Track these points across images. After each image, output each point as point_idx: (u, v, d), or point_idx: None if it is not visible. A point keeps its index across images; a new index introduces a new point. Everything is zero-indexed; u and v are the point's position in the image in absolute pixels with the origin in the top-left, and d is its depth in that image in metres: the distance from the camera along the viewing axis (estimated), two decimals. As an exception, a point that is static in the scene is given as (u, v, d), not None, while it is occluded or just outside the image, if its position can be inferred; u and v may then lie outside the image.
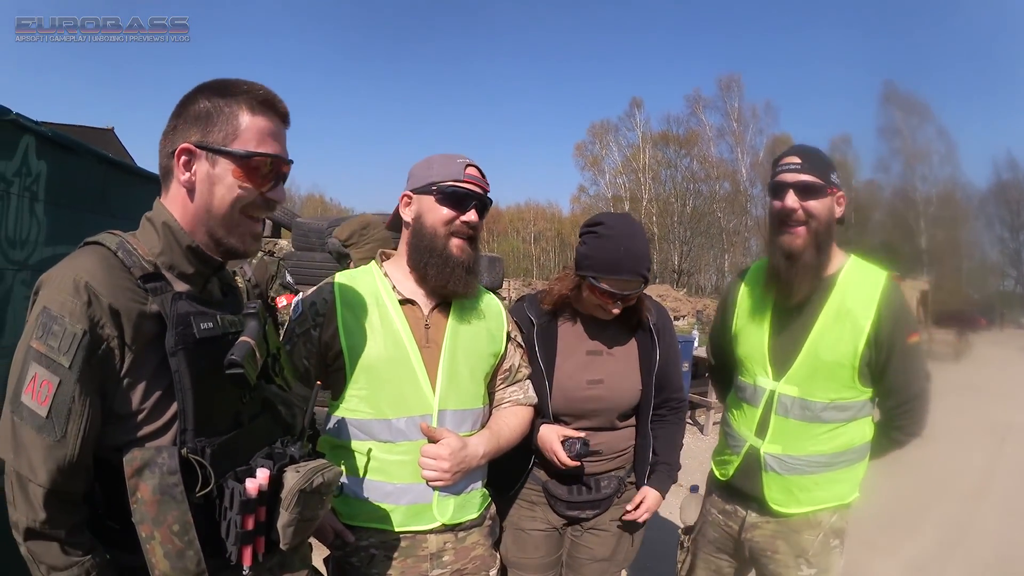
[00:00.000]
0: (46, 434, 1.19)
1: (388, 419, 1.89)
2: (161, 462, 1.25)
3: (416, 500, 1.92)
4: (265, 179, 1.41)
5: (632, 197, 60.32)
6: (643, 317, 2.40)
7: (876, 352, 2.11)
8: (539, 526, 2.43)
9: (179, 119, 1.36)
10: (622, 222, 2.29)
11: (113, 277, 1.27)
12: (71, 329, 1.20)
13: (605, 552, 2.47)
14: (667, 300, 32.26)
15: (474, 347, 2.03)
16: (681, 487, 6.27)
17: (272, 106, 1.41)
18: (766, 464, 2.25)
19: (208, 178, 1.35)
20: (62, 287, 1.22)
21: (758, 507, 2.32)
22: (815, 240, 2.11)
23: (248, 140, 1.36)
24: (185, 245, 1.38)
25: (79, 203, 2.88)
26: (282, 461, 1.44)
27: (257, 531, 1.36)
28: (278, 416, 1.62)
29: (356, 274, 2.05)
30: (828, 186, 2.11)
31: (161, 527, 1.24)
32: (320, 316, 1.93)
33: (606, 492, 2.40)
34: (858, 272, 2.20)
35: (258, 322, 1.45)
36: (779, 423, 2.23)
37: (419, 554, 1.95)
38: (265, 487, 1.35)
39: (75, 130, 19.72)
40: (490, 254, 5.10)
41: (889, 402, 2.23)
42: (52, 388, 1.19)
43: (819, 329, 2.16)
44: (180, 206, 1.38)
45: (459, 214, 1.92)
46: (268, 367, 1.51)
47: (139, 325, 1.28)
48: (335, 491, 1.57)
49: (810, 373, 2.17)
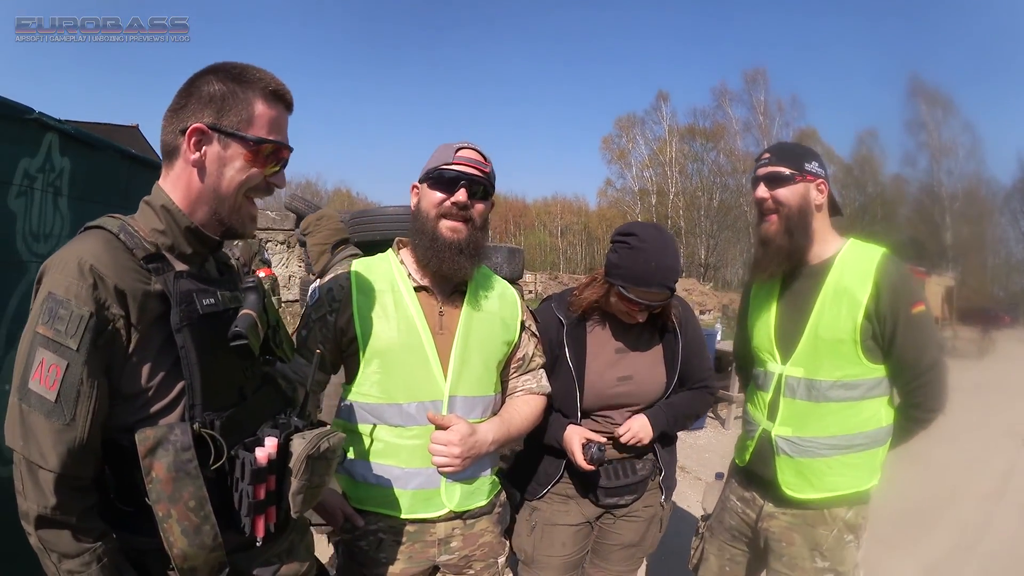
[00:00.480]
0: (55, 418, 1.20)
1: (399, 403, 1.92)
2: (174, 439, 1.27)
3: (424, 485, 1.94)
4: (270, 164, 1.45)
5: (659, 191, 59.96)
6: (669, 319, 2.44)
7: (879, 325, 2.13)
8: (572, 520, 2.46)
9: (189, 98, 1.39)
10: (654, 235, 2.29)
11: (117, 258, 1.30)
12: (78, 312, 1.21)
13: (634, 538, 2.52)
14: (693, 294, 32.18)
15: (487, 335, 2.05)
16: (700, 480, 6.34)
17: (282, 97, 1.46)
18: (778, 447, 2.29)
19: (218, 159, 1.40)
20: (67, 271, 1.24)
21: (774, 495, 2.34)
22: (786, 225, 2.24)
23: (260, 127, 1.41)
24: (184, 226, 1.41)
25: (102, 198, 2.93)
26: (287, 430, 1.47)
27: (268, 501, 1.40)
28: (278, 389, 1.65)
29: (372, 261, 2.08)
30: (799, 174, 2.22)
31: (178, 504, 1.27)
32: (336, 302, 1.96)
33: (642, 474, 2.45)
34: (854, 252, 2.25)
35: (257, 295, 1.51)
36: (788, 405, 2.28)
37: (427, 539, 1.98)
38: (274, 455, 1.38)
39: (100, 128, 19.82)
40: (510, 245, 5.12)
41: (903, 378, 2.22)
42: (60, 372, 1.20)
43: (819, 309, 2.22)
44: (184, 185, 1.41)
45: (448, 196, 1.93)
46: (269, 338, 1.55)
47: (144, 304, 1.31)
48: (340, 457, 1.59)
49: (813, 352, 2.23)
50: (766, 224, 2.29)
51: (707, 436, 8.32)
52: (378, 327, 1.94)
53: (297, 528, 1.68)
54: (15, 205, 2.38)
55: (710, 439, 8.20)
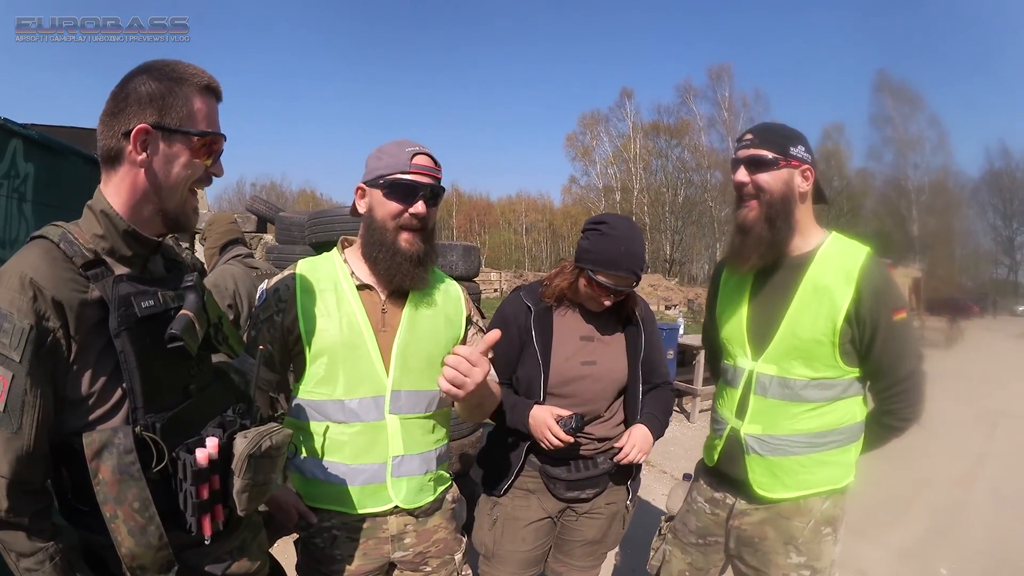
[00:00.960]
0: (4, 427, 1.24)
1: (342, 400, 1.93)
2: (117, 442, 1.31)
3: (370, 480, 1.96)
4: (210, 155, 1.49)
5: (623, 187, 60.30)
6: (632, 310, 2.53)
7: (859, 329, 2.03)
8: (534, 515, 2.48)
9: (127, 101, 1.38)
10: (624, 224, 2.38)
11: (55, 269, 1.32)
12: (19, 325, 1.25)
13: (596, 534, 2.54)
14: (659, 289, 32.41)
15: (431, 331, 2.06)
16: (665, 474, 6.44)
17: (214, 90, 1.48)
18: (747, 446, 2.20)
19: (164, 157, 1.40)
20: (9, 285, 1.27)
21: (745, 494, 2.25)
22: (767, 213, 2.09)
23: (200, 121, 1.43)
24: (122, 230, 1.42)
25: (66, 203, 2.93)
26: (232, 428, 1.49)
27: (213, 500, 1.42)
28: (230, 384, 1.68)
29: (317, 261, 2.08)
30: (783, 159, 2.07)
31: (123, 505, 1.30)
32: (282, 302, 1.97)
33: (604, 468, 2.47)
34: (837, 248, 2.12)
35: (197, 294, 1.53)
36: (758, 403, 2.18)
37: (380, 535, 2.01)
38: (215, 456, 1.41)
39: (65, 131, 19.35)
40: (465, 243, 5.15)
41: (879, 384, 2.14)
42: (6, 383, 1.24)
43: (796, 306, 2.11)
44: (129, 186, 1.41)
45: (406, 207, 1.91)
46: (211, 336, 1.57)
47: (81, 313, 1.32)
48: (287, 453, 1.60)
49: (788, 351, 2.12)
50: (745, 210, 2.14)
51: (672, 430, 8.27)
52: (321, 326, 1.94)
53: (249, 526, 1.70)
54: (-20, 211, 2.39)
55: (675, 432, 8.23)
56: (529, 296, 2.53)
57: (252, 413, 1.58)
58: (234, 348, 1.69)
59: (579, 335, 2.48)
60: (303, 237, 5.44)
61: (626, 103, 61.69)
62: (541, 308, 2.48)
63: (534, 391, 2.42)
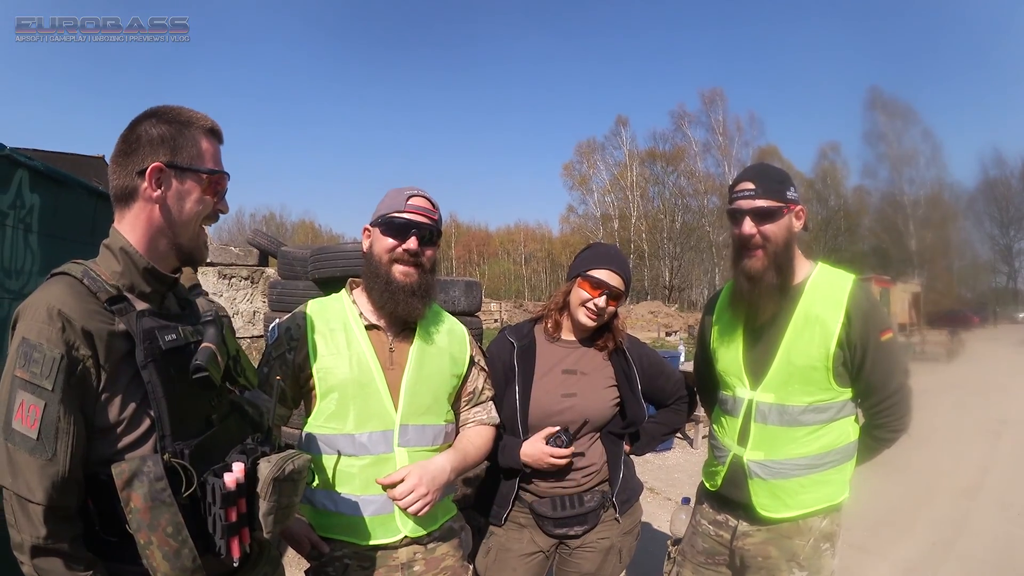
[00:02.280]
0: (38, 455, 1.28)
1: (352, 434, 2.01)
2: (147, 470, 1.34)
3: (379, 511, 2.02)
4: (218, 193, 1.58)
5: (621, 215, 60.73)
6: (616, 339, 2.57)
7: (850, 352, 2.16)
8: (526, 549, 2.49)
9: (138, 143, 1.47)
10: (608, 244, 2.61)
11: (82, 302, 1.37)
12: (50, 354, 1.29)
13: (590, 568, 2.54)
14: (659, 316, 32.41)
15: (436, 368, 2.15)
16: (670, 500, 6.39)
17: (217, 133, 1.58)
18: (750, 471, 2.29)
19: (178, 193, 1.49)
20: (37, 317, 1.32)
21: (747, 515, 2.35)
22: (774, 261, 2.19)
23: (208, 160, 1.53)
24: (142, 267, 1.49)
25: (71, 234, 2.95)
26: (255, 455, 1.52)
27: (240, 523, 1.45)
28: (246, 415, 1.72)
29: (327, 301, 2.18)
30: (784, 206, 2.18)
31: (156, 531, 1.33)
32: (294, 340, 2.07)
33: (590, 506, 2.48)
34: (824, 279, 2.26)
35: (216, 328, 1.60)
36: (759, 430, 2.28)
37: (390, 564, 2.06)
38: (242, 479, 1.44)
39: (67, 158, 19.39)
40: (467, 278, 5.18)
41: (869, 401, 2.27)
42: (39, 411, 1.28)
43: (790, 336, 2.22)
44: (144, 222, 1.49)
45: (400, 242, 2.04)
46: (230, 368, 1.62)
47: (110, 344, 1.38)
48: (307, 477, 1.65)
49: (785, 379, 2.23)
50: (750, 260, 2.22)
51: (675, 456, 8.31)
52: (331, 364, 2.03)
53: (270, 561, 1.75)
54: (-13, 242, 2.41)
55: (679, 459, 8.18)
56: (513, 334, 2.62)
57: (271, 441, 1.63)
58: (251, 380, 1.74)
59: (562, 369, 2.53)
60: (306, 272, 5.43)
61: (621, 131, 62.50)
62: (524, 344, 2.56)
63: (514, 425, 2.47)
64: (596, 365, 2.55)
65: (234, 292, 9.86)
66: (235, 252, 10.21)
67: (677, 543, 2.71)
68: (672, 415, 2.75)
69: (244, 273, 10.04)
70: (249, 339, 9.47)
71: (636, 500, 2.66)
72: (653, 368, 2.65)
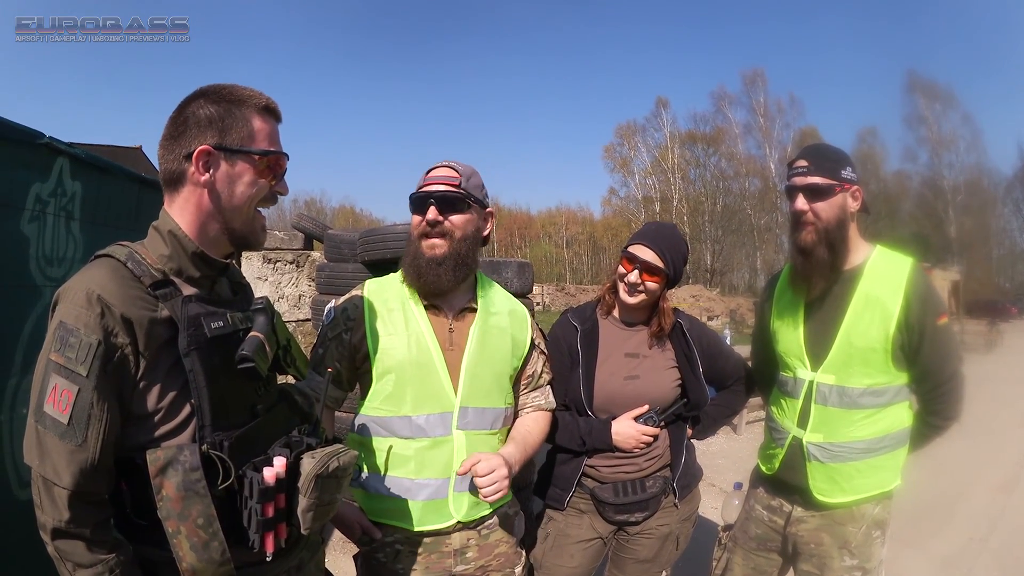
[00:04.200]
0: (68, 440, 1.26)
1: (409, 416, 1.97)
2: (183, 460, 1.32)
3: (433, 496, 1.99)
4: (275, 174, 1.51)
5: (662, 197, 60.20)
6: (665, 320, 2.52)
7: (908, 335, 2.17)
8: (585, 535, 2.49)
9: (186, 124, 1.43)
10: (666, 222, 2.62)
11: (123, 287, 1.34)
12: (86, 340, 1.27)
13: (648, 554, 2.53)
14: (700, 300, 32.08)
15: (497, 351, 2.11)
16: (713, 487, 6.31)
17: (273, 111, 1.52)
18: (809, 454, 2.31)
19: (228, 177, 1.44)
20: (76, 301, 1.30)
21: (803, 500, 2.37)
22: (825, 238, 2.22)
23: (261, 141, 1.47)
24: (191, 251, 1.46)
25: (113, 221, 2.96)
26: (299, 448, 1.49)
27: (278, 518, 1.43)
28: (295, 405, 1.69)
29: (385, 281, 2.14)
30: (838, 184, 2.20)
31: (186, 521, 1.31)
32: (351, 320, 2.04)
33: (652, 491, 2.48)
34: (883, 261, 2.27)
35: (266, 316, 1.55)
36: (819, 412, 2.29)
37: (443, 550, 2.03)
38: (283, 475, 1.41)
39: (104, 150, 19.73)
40: (519, 260, 5.11)
41: (925, 386, 2.27)
42: (72, 396, 1.26)
43: (850, 318, 2.23)
44: (194, 207, 1.45)
45: (422, 217, 2.00)
46: (280, 359, 1.60)
47: (151, 331, 1.35)
48: (352, 474, 1.62)
49: (845, 360, 2.24)
50: (804, 234, 2.26)
51: (719, 443, 8.27)
52: (389, 344, 2.00)
53: (308, 546, 1.71)
54: (28, 230, 2.40)
55: (722, 445, 8.16)
56: (576, 317, 2.61)
57: (318, 433, 1.58)
58: (301, 370, 1.73)
59: (624, 352, 2.52)
60: (354, 255, 5.38)
61: (662, 112, 61.63)
62: (587, 327, 2.55)
63: (580, 408, 2.48)
64: (657, 347, 2.55)
65: (279, 276, 9.88)
66: (280, 236, 10.23)
67: (728, 529, 2.74)
68: (732, 397, 2.78)
69: (289, 257, 10.05)
70: (295, 323, 9.48)
71: (695, 486, 2.69)
72: (713, 348, 2.65)
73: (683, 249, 2.48)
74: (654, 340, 2.52)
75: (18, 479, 2.35)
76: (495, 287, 2.26)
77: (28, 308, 2.41)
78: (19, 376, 2.35)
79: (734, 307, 31.83)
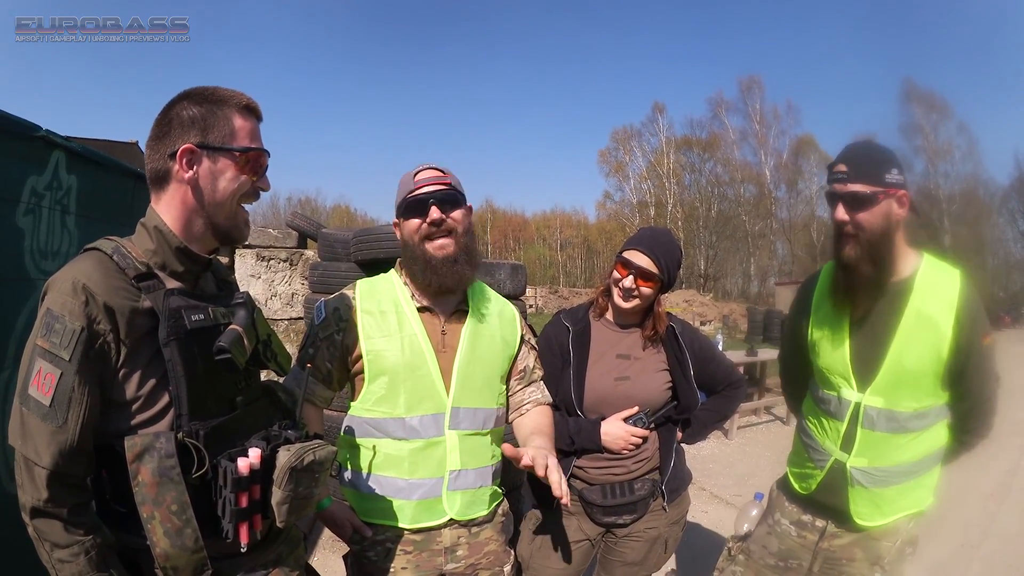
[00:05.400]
0: (49, 421, 1.31)
1: (402, 418, 1.98)
2: (159, 447, 1.36)
3: (427, 495, 2.00)
4: (256, 171, 1.56)
5: (657, 202, 60.36)
6: (659, 324, 2.52)
7: (956, 357, 2.03)
8: (573, 536, 2.49)
9: (170, 125, 1.48)
10: (661, 227, 2.60)
11: (108, 278, 1.39)
12: (70, 326, 1.32)
13: (636, 557, 2.53)
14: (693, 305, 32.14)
15: (488, 351, 2.13)
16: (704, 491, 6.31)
17: (254, 110, 1.57)
18: (852, 479, 2.20)
19: (211, 173, 1.49)
20: (62, 290, 1.35)
21: (838, 519, 2.29)
22: (868, 252, 2.04)
23: (243, 138, 1.52)
24: (175, 246, 1.50)
25: (108, 215, 2.95)
26: (276, 441, 1.53)
27: (252, 509, 1.46)
28: (278, 402, 1.73)
29: (376, 281, 2.15)
30: (881, 191, 1.99)
31: (160, 507, 1.35)
32: (343, 321, 2.03)
33: (641, 494, 2.48)
34: (933, 273, 2.10)
35: (247, 311, 1.60)
36: (866, 436, 2.17)
37: (433, 548, 2.04)
38: (257, 466, 1.44)
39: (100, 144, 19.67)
40: (512, 262, 5.11)
41: (963, 405, 2.15)
42: (55, 380, 1.31)
43: (901, 337, 2.08)
44: (179, 203, 1.50)
45: (423, 219, 1.99)
46: (259, 352, 1.62)
47: (132, 320, 1.40)
48: (329, 469, 1.63)
49: (895, 383, 2.10)
50: (847, 248, 2.07)
51: (710, 447, 8.20)
52: (383, 346, 2.00)
53: (288, 540, 1.75)
54: (23, 223, 2.40)
55: (712, 450, 8.09)
56: (568, 318, 2.61)
57: (297, 428, 1.62)
58: (282, 365, 1.74)
59: (616, 353, 2.51)
60: (348, 254, 5.36)
61: (658, 118, 61.79)
62: (579, 328, 2.55)
63: (570, 409, 2.48)
64: (649, 350, 2.54)
65: (272, 274, 9.86)
66: (273, 234, 10.20)
67: (739, 539, 2.66)
68: (723, 402, 2.73)
69: (283, 255, 10.03)
70: (287, 321, 9.46)
71: (684, 490, 2.67)
72: (705, 353, 2.63)
73: (677, 254, 2.46)
74: (647, 342, 2.52)
75: (9, 473, 2.33)
76: (485, 289, 2.28)
77: (22, 301, 2.41)
78: (12, 368, 2.35)
79: (727, 312, 31.86)
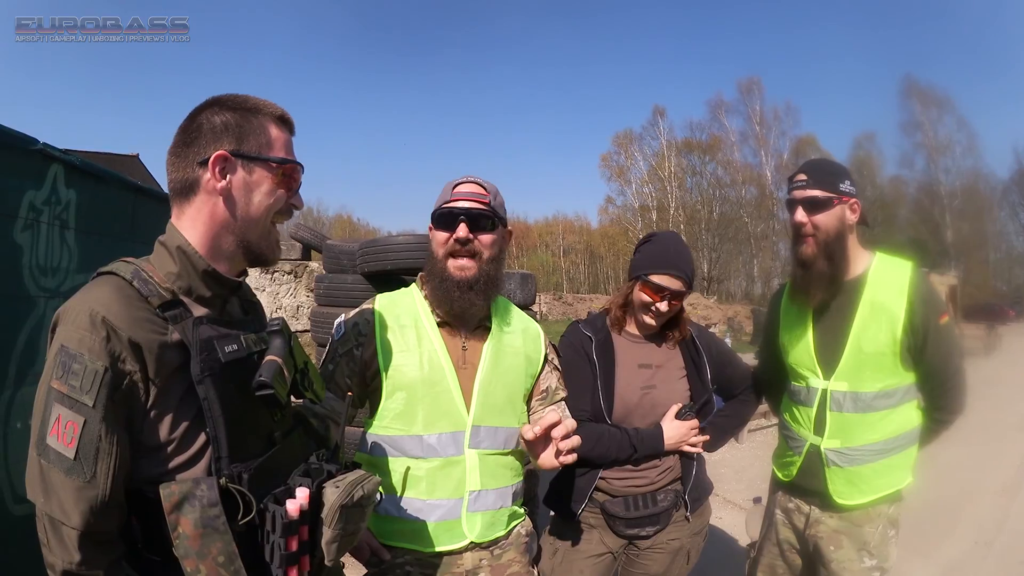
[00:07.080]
0: (75, 476, 1.17)
1: (420, 435, 1.92)
2: (200, 495, 1.24)
3: (446, 516, 1.94)
4: (291, 186, 1.45)
5: (659, 206, 60.26)
6: (684, 330, 2.54)
7: (913, 337, 2.26)
8: (594, 549, 2.46)
9: (199, 132, 1.36)
10: (670, 233, 2.56)
11: (130, 309, 1.25)
12: (91, 367, 1.18)
13: (659, 569, 2.50)
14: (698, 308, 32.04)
15: (511, 369, 2.07)
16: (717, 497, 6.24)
17: (288, 122, 1.47)
18: (828, 459, 2.39)
19: (245, 185, 1.38)
20: (78, 323, 1.21)
21: (821, 502, 2.45)
22: (824, 250, 2.31)
23: (279, 150, 1.41)
24: (201, 269, 1.37)
25: (109, 230, 2.90)
26: (320, 477, 1.42)
27: (301, 551, 1.35)
28: (310, 429, 1.63)
29: (396, 296, 2.10)
30: (836, 197, 2.29)
31: (206, 560, 1.23)
32: (362, 336, 1.98)
33: (663, 505, 2.46)
34: (885, 267, 2.37)
35: (283, 339, 1.45)
36: (835, 418, 2.37)
37: (454, 571, 1.98)
38: (306, 506, 1.33)
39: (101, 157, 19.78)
40: (522, 271, 5.07)
41: (930, 383, 2.37)
42: (77, 428, 1.17)
43: (858, 325, 2.32)
44: (207, 217, 1.37)
45: (451, 234, 1.94)
46: (297, 383, 1.49)
47: (161, 356, 1.26)
48: (375, 501, 1.55)
49: (857, 367, 2.32)
50: (804, 247, 2.36)
51: (721, 452, 8.09)
52: (401, 361, 1.95)
53: (330, 573, 1.63)
54: (21, 239, 2.35)
55: (723, 455, 8.03)
56: (588, 327, 2.56)
57: (337, 459, 1.52)
58: (318, 393, 1.61)
59: (637, 362, 2.50)
60: (353, 266, 5.31)
61: (659, 121, 61.75)
62: (601, 337, 2.51)
63: (599, 419, 2.44)
64: (667, 357, 2.54)
65: (277, 287, 9.85)
66: (277, 246, 10.20)
67: (755, 545, 2.80)
68: (741, 406, 2.77)
69: (287, 267, 10.02)
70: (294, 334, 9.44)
71: (706, 499, 2.66)
72: (722, 357, 2.66)
73: (692, 259, 2.48)
74: (665, 349, 2.52)
75: (13, 494, 2.29)
76: (509, 305, 2.22)
77: (22, 319, 2.36)
78: (13, 389, 2.30)
79: (731, 315, 31.85)
